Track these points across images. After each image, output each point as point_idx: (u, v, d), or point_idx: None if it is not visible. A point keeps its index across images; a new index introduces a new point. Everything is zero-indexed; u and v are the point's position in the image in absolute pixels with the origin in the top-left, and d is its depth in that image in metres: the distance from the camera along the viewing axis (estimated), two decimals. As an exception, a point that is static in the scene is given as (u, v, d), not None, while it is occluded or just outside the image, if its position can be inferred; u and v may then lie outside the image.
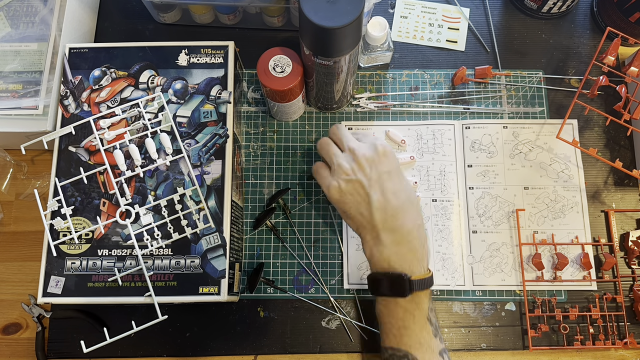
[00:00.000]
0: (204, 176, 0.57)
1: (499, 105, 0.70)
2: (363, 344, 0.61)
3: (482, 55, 0.72)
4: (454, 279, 0.62)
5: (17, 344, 0.63)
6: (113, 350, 0.60)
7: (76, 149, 0.58)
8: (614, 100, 0.69)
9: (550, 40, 0.72)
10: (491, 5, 0.75)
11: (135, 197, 0.57)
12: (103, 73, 0.61)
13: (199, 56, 0.61)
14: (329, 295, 0.63)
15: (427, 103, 0.70)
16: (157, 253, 0.55)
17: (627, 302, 0.63)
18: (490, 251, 0.64)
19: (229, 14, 0.70)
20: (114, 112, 0.59)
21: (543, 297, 0.62)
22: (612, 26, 0.66)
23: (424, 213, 0.65)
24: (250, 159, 0.68)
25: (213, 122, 0.59)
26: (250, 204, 0.66)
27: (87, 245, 0.55)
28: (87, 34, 0.72)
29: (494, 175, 0.66)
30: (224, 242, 0.55)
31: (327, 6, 0.48)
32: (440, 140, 0.67)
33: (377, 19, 0.64)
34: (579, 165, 0.66)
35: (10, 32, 0.65)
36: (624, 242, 0.64)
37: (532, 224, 0.65)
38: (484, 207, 0.65)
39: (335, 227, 0.65)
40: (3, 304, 0.64)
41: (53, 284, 0.54)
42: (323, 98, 0.65)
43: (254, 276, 0.61)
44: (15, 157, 0.68)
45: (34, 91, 0.63)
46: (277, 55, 0.58)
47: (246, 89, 0.70)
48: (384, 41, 0.66)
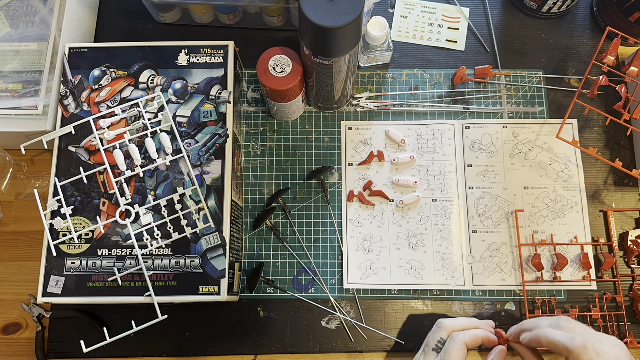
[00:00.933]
0: (204, 176, 0.57)
1: (499, 105, 0.70)
2: (363, 344, 0.61)
3: (482, 55, 0.72)
4: (453, 279, 0.62)
5: (17, 344, 0.63)
6: (113, 350, 0.60)
7: (76, 149, 0.58)
8: (614, 100, 0.69)
9: (550, 40, 0.72)
10: (491, 5, 0.75)
11: (135, 197, 0.57)
12: (103, 73, 0.61)
13: (199, 56, 0.61)
14: (329, 295, 0.63)
15: (427, 103, 0.70)
16: (157, 253, 0.55)
17: (627, 302, 0.63)
18: (490, 251, 0.64)
19: (229, 14, 0.70)
20: (114, 112, 0.59)
21: (543, 298, 0.62)
22: (612, 26, 0.66)
23: (423, 213, 0.65)
24: (250, 159, 0.68)
25: (213, 122, 0.59)
26: (250, 204, 0.66)
27: (87, 245, 0.56)
28: (87, 34, 0.72)
29: (494, 175, 0.66)
30: (224, 242, 0.55)
31: (327, 6, 0.48)
32: (440, 140, 0.67)
33: (377, 19, 0.64)
34: (578, 165, 0.66)
35: (10, 32, 0.65)
36: (623, 242, 0.64)
37: (532, 223, 0.64)
38: (484, 207, 0.65)
39: (335, 227, 0.65)
40: (3, 304, 0.64)
41: (53, 283, 0.54)
42: (323, 98, 0.65)
43: (254, 276, 0.61)
44: (15, 157, 0.68)
45: (34, 91, 0.63)
46: (277, 55, 0.58)
47: (246, 89, 0.70)
48: (384, 41, 0.66)
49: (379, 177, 0.66)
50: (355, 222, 0.65)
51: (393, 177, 0.66)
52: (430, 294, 0.63)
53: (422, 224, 0.64)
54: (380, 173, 0.66)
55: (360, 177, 0.66)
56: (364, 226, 0.65)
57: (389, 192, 0.66)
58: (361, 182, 0.66)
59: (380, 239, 0.64)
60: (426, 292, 0.63)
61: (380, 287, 0.62)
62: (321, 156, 0.68)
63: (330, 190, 0.66)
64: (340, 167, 0.67)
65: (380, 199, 0.65)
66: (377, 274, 0.63)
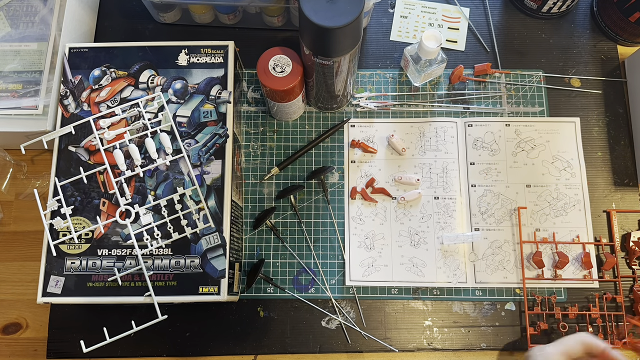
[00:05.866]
0: (203, 176, 0.57)
1: (499, 105, 0.69)
2: (363, 344, 0.61)
3: (482, 55, 0.72)
4: (455, 277, 0.62)
5: (17, 344, 0.63)
6: (113, 350, 0.60)
7: (76, 149, 0.58)
8: (614, 99, 0.69)
9: (550, 40, 0.72)
10: (491, 5, 0.75)
11: (135, 196, 0.57)
12: (103, 73, 0.61)
13: (199, 56, 0.61)
14: (330, 295, 0.62)
15: (427, 103, 0.70)
16: (157, 253, 0.55)
17: (627, 303, 0.63)
18: (493, 249, 0.64)
19: (229, 14, 0.70)
20: (114, 112, 0.59)
21: (543, 296, 0.62)
22: (612, 26, 0.66)
23: (425, 210, 0.65)
24: (250, 159, 0.68)
25: (213, 122, 0.59)
26: (250, 204, 0.66)
27: (87, 245, 0.55)
28: (87, 34, 0.72)
29: (496, 173, 0.66)
30: (223, 242, 0.55)
31: (327, 6, 0.48)
32: (442, 138, 0.67)
33: (431, 31, 0.62)
34: (580, 163, 0.66)
35: (10, 32, 0.65)
36: (625, 243, 0.64)
37: (534, 221, 0.64)
38: (486, 204, 0.65)
39: (336, 226, 0.65)
40: (3, 304, 0.64)
41: (53, 283, 0.54)
42: (323, 98, 0.65)
43: (253, 272, 0.61)
44: (15, 157, 0.68)
45: (34, 91, 0.63)
46: (277, 55, 0.58)
47: (246, 88, 0.70)
48: (437, 53, 0.65)
49: (381, 174, 0.66)
50: (358, 220, 0.65)
51: (395, 174, 0.66)
52: (430, 293, 0.63)
53: (424, 222, 0.64)
54: (383, 170, 0.66)
55: (362, 174, 0.66)
56: (366, 223, 0.65)
57: (392, 189, 0.66)
58: (363, 179, 0.66)
59: (382, 236, 0.64)
60: (427, 291, 0.63)
61: (382, 284, 0.62)
62: (321, 156, 0.68)
63: (330, 190, 0.66)
64: (342, 166, 0.67)
65: (383, 197, 0.65)
66: (378, 271, 0.63)
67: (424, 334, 0.62)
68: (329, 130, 0.68)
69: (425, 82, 0.70)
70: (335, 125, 0.68)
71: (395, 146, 0.67)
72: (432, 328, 0.62)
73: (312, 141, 0.67)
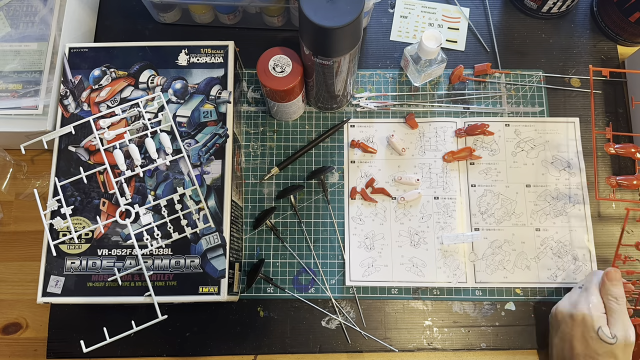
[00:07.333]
0: (203, 176, 0.57)
1: (499, 105, 0.69)
2: (363, 343, 0.61)
3: (482, 55, 0.72)
4: (455, 277, 0.62)
5: (17, 344, 0.63)
6: (113, 350, 0.60)
7: (76, 149, 0.58)
8: (614, 99, 0.69)
9: (550, 40, 0.72)
10: (491, 5, 0.75)
11: (135, 196, 0.57)
12: (103, 73, 0.61)
13: (199, 56, 0.61)
14: (330, 295, 0.62)
15: (427, 103, 0.70)
16: (157, 253, 0.55)
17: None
18: (493, 249, 0.64)
19: (228, 14, 0.70)
20: (114, 112, 0.59)
21: (543, 296, 0.62)
22: (612, 26, 0.66)
23: (425, 210, 0.65)
24: (250, 159, 0.68)
25: (213, 122, 0.59)
26: (250, 204, 0.66)
27: (87, 245, 0.55)
28: (87, 34, 0.72)
29: (496, 173, 0.66)
30: (223, 242, 0.55)
31: (327, 6, 0.48)
32: (442, 138, 0.67)
33: (431, 31, 0.62)
34: (580, 163, 0.66)
35: (10, 32, 0.65)
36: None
37: (535, 221, 0.64)
38: (486, 204, 0.65)
39: (336, 226, 0.65)
40: (3, 304, 0.64)
41: (53, 283, 0.54)
42: (323, 98, 0.65)
43: (253, 272, 0.61)
44: (15, 157, 0.68)
45: (34, 91, 0.63)
46: (277, 55, 0.58)
47: (246, 88, 0.70)
48: (437, 53, 0.65)
49: (381, 174, 0.66)
50: (358, 220, 0.65)
51: (395, 174, 0.66)
52: (430, 293, 0.63)
53: (424, 222, 0.64)
54: (383, 170, 0.66)
55: (362, 175, 0.66)
56: (366, 223, 0.65)
57: (391, 189, 0.66)
58: (363, 179, 0.66)
59: (382, 236, 0.64)
60: (427, 291, 0.63)
61: (382, 284, 0.62)
62: (321, 156, 0.68)
63: (330, 190, 0.66)
64: (342, 166, 0.67)
65: (383, 197, 0.65)
66: (378, 271, 0.63)
67: (424, 334, 0.62)
68: (329, 130, 0.68)
69: (425, 82, 0.70)
70: (335, 125, 0.68)
71: (395, 146, 0.67)
72: (432, 328, 0.62)
73: (312, 141, 0.67)
